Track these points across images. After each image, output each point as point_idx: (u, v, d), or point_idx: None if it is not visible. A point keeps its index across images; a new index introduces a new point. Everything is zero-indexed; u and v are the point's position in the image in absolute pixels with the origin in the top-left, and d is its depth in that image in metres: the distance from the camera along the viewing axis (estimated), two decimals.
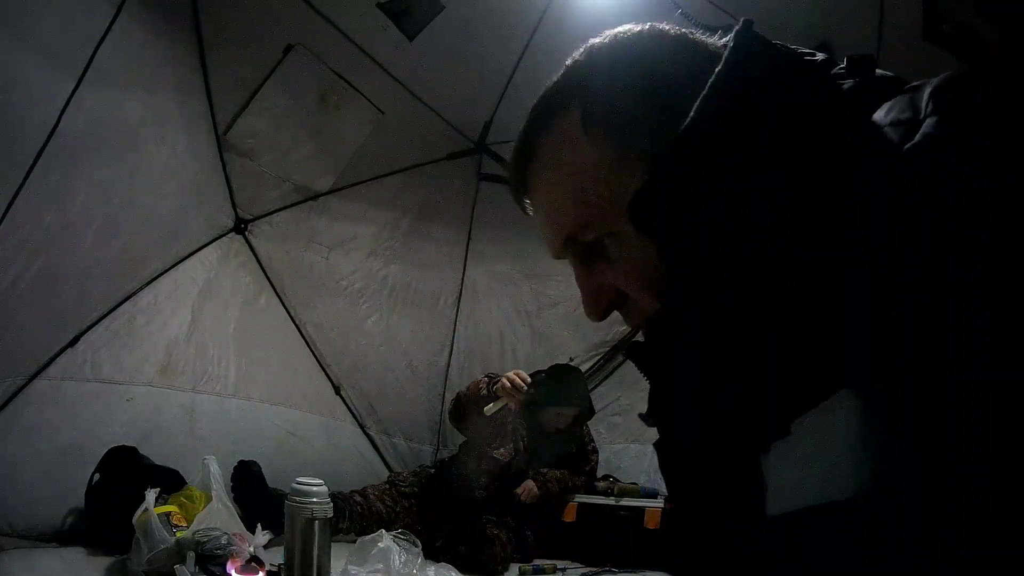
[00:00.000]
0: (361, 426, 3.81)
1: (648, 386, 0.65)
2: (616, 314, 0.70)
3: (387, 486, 3.17)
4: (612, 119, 0.64)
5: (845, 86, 0.57)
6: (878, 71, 0.58)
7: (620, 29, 0.68)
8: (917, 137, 0.47)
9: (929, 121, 0.47)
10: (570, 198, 0.66)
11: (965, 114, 0.47)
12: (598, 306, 0.68)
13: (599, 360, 4.01)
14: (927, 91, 0.50)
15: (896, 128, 0.49)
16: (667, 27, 0.68)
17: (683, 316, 0.58)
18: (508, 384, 2.73)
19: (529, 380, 2.75)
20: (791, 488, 0.52)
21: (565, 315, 3.99)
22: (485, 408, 2.78)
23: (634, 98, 0.63)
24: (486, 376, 3.00)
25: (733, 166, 0.55)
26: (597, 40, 0.68)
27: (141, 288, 2.98)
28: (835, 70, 0.60)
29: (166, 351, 3.06)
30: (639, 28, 0.67)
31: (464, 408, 2.99)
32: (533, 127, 0.69)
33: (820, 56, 0.62)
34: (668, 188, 0.57)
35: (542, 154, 0.68)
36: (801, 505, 0.50)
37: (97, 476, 2.55)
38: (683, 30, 0.68)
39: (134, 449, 2.68)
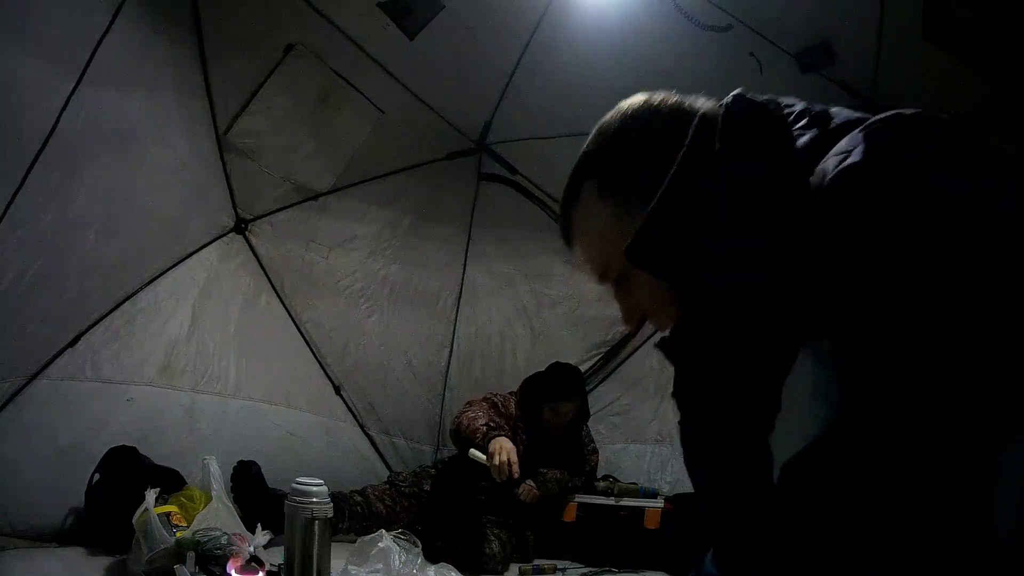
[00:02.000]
0: (361, 426, 3.81)
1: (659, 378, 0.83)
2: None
3: (387, 486, 3.17)
4: (616, 188, 0.86)
5: (804, 136, 0.76)
6: (846, 112, 0.77)
7: (621, 108, 0.89)
8: (846, 162, 0.66)
9: (856, 150, 0.67)
10: (596, 246, 0.90)
11: (882, 146, 0.66)
12: (632, 319, 0.91)
13: (599, 360, 4.01)
14: (862, 129, 0.69)
15: (837, 156, 0.69)
16: (660, 101, 0.87)
17: (700, 326, 0.79)
18: (496, 463, 2.74)
19: (517, 474, 2.77)
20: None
21: (565, 315, 3.99)
22: (470, 453, 2.86)
23: (630, 170, 0.85)
24: (488, 422, 2.94)
25: (699, 220, 0.75)
26: (605, 120, 0.89)
27: (141, 288, 2.98)
28: (799, 125, 0.78)
29: (166, 351, 3.06)
30: (637, 106, 0.87)
31: (460, 438, 3.01)
32: (567, 195, 0.92)
33: (798, 107, 0.80)
34: (656, 238, 0.79)
35: (575, 215, 0.92)
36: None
37: (97, 476, 2.55)
38: (677, 99, 0.87)
39: (134, 449, 2.68)
